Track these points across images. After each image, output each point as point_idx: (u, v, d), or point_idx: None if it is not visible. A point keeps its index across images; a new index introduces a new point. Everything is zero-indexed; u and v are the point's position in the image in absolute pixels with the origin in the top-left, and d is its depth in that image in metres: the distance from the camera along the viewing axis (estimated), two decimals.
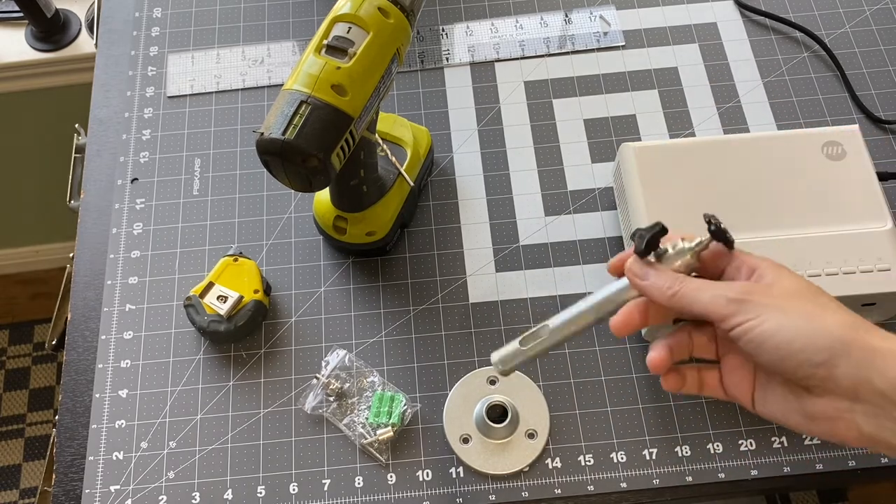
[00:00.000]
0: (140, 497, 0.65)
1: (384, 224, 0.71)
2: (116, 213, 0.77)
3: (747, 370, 0.47)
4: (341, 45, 0.57)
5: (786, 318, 0.42)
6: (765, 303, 0.43)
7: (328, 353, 0.69)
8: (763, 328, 0.42)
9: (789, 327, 0.42)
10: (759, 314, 0.43)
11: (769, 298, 0.43)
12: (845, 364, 0.41)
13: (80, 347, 0.71)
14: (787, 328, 0.42)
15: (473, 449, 0.65)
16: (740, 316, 0.43)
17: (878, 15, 0.85)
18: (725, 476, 0.64)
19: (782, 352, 0.42)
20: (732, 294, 0.44)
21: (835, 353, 0.41)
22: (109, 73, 0.85)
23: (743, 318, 0.43)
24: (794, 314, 0.42)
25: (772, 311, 0.42)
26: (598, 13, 0.87)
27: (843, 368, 0.41)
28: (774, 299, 0.43)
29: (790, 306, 0.43)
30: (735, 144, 0.69)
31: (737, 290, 0.44)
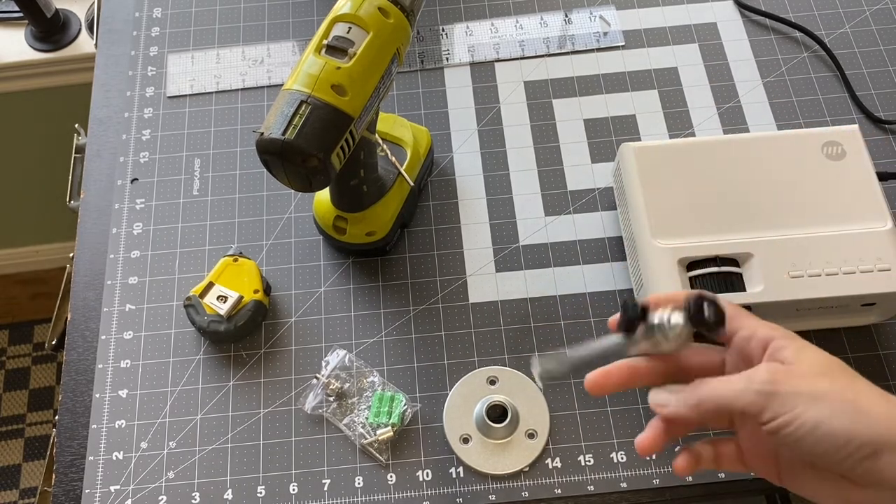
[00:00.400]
0: (140, 497, 0.65)
1: (384, 224, 0.71)
2: (116, 213, 0.77)
3: (770, 444, 0.44)
4: (341, 45, 0.57)
5: (824, 409, 0.39)
6: (797, 391, 0.40)
7: (328, 353, 0.69)
8: (801, 422, 0.39)
9: (830, 421, 0.39)
10: (794, 406, 0.39)
11: (799, 384, 0.40)
12: (890, 456, 0.38)
13: (80, 347, 0.71)
14: (828, 422, 0.39)
15: (473, 449, 0.65)
16: (772, 410, 0.40)
17: (878, 15, 0.85)
18: (726, 476, 0.64)
19: (824, 447, 0.39)
20: (758, 385, 0.41)
21: (880, 447, 0.38)
22: (109, 73, 0.85)
23: (776, 413, 0.40)
24: (831, 403, 0.39)
25: (807, 403, 0.39)
26: (598, 13, 0.87)
27: (888, 460, 0.38)
28: (806, 385, 0.40)
29: (824, 393, 0.40)
30: (735, 144, 0.69)
31: (762, 378, 0.41)
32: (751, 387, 0.41)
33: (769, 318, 0.64)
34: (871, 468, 0.38)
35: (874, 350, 0.68)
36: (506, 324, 0.70)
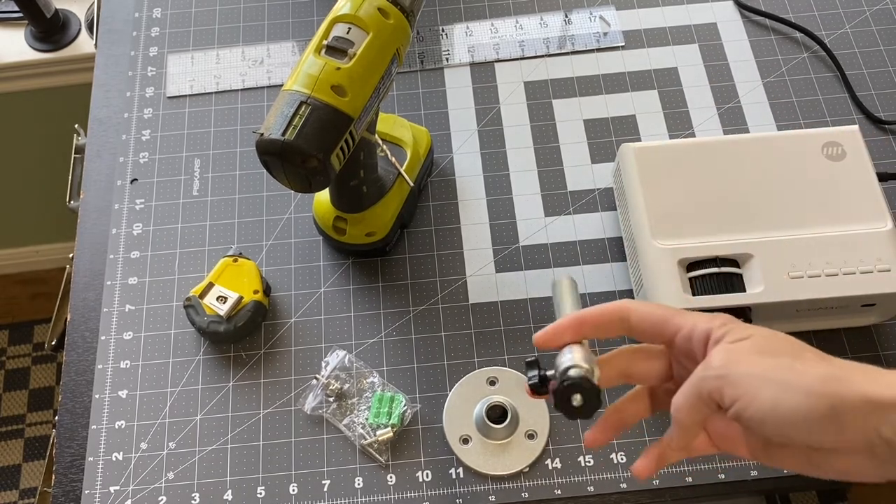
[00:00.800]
0: (140, 497, 0.65)
1: (384, 224, 0.71)
2: (116, 213, 0.77)
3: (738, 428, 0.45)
4: (341, 46, 0.57)
5: (776, 388, 0.40)
6: (749, 372, 0.41)
7: (328, 353, 0.69)
8: (759, 405, 0.40)
9: (786, 399, 0.39)
10: (748, 388, 0.40)
11: (749, 364, 0.41)
12: (852, 421, 0.39)
13: (79, 348, 0.71)
14: (785, 400, 0.39)
15: (473, 449, 0.65)
16: (729, 395, 0.41)
17: (878, 15, 0.85)
18: (725, 476, 0.64)
19: (787, 425, 0.40)
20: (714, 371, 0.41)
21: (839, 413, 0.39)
22: (109, 73, 0.85)
23: (733, 397, 0.41)
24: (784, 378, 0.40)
25: (760, 383, 0.40)
26: (597, 13, 0.87)
27: (851, 426, 0.39)
28: (755, 365, 0.41)
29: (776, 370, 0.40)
30: (735, 145, 0.69)
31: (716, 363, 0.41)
32: (708, 373, 0.42)
33: (769, 319, 0.64)
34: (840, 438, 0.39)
35: (874, 351, 0.68)
36: (506, 324, 0.70)
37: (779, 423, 0.40)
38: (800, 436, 0.40)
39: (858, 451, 0.39)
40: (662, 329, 0.45)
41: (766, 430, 0.40)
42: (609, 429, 0.47)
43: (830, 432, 0.39)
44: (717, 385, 0.41)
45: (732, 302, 0.63)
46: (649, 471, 0.46)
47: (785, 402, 0.39)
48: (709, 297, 0.63)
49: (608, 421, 0.47)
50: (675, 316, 0.45)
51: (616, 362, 0.47)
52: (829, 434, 0.39)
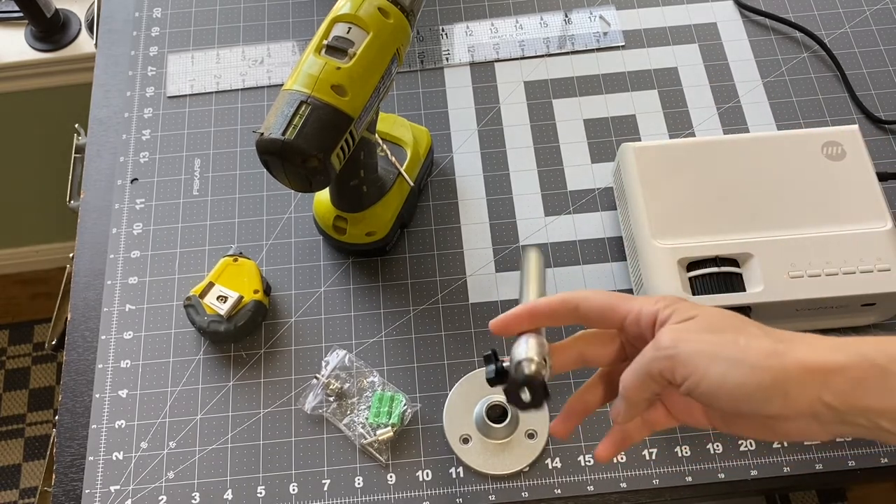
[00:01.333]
0: (140, 497, 0.65)
1: (384, 224, 0.71)
2: (116, 213, 0.77)
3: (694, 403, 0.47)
4: (341, 46, 0.57)
5: (723, 365, 0.42)
6: (696, 349, 0.42)
7: (328, 353, 0.69)
8: (708, 382, 0.42)
9: (733, 376, 0.41)
10: (696, 365, 0.42)
11: (696, 342, 0.43)
12: (795, 389, 0.41)
13: (80, 347, 0.71)
14: (731, 377, 0.41)
15: (473, 449, 0.65)
16: (679, 373, 0.42)
17: (878, 15, 0.85)
18: (725, 476, 0.64)
19: (736, 399, 0.42)
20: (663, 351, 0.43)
21: (784, 385, 0.41)
22: (109, 73, 0.85)
23: (683, 375, 0.42)
24: (728, 358, 0.42)
25: (708, 361, 0.42)
26: (597, 13, 0.87)
27: (795, 395, 0.41)
28: (702, 343, 0.43)
29: (720, 347, 0.42)
30: (735, 144, 0.69)
31: (665, 343, 0.43)
32: (658, 353, 0.43)
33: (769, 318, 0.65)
34: (785, 404, 0.41)
35: None
36: None
37: (728, 397, 0.42)
38: (749, 407, 0.42)
39: (805, 416, 0.42)
40: (611, 316, 0.47)
41: (718, 403, 0.42)
42: (572, 417, 0.49)
43: (776, 403, 0.41)
44: (667, 365, 0.43)
45: (732, 301, 0.63)
46: (610, 454, 0.48)
47: (732, 378, 0.41)
48: (709, 296, 0.63)
49: (571, 410, 0.50)
50: (621, 302, 0.47)
51: (572, 348, 0.49)
52: (776, 404, 0.41)
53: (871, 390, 0.40)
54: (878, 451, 0.65)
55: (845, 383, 0.40)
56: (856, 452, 0.65)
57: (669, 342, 0.43)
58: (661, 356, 0.43)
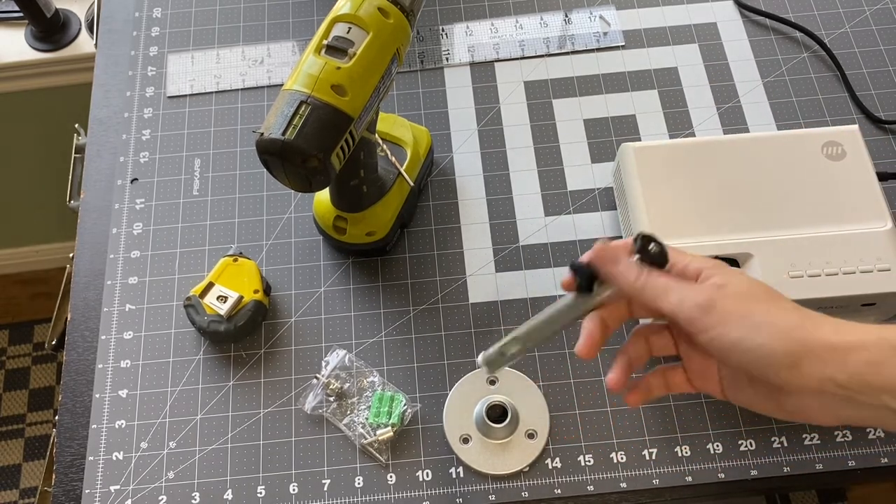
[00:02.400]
0: (140, 497, 0.65)
1: (384, 224, 0.71)
2: (116, 213, 0.77)
3: (712, 363, 0.49)
4: (341, 46, 0.57)
5: (747, 326, 0.44)
6: (729, 310, 0.45)
7: (328, 353, 0.69)
8: (730, 337, 0.44)
9: (751, 337, 0.44)
10: (724, 322, 0.44)
11: (729, 304, 0.45)
12: (808, 365, 0.43)
13: (80, 347, 0.71)
14: (749, 338, 0.44)
15: (473, 449, 0.65)
16: (706, 322, 0.45)
17: (878, 15, 0.85)
18: (725, 476, 0.64)
19: (750, 358, 0.44)
20: (701, 299, 0.45)
21: (798, 357, 0.43)
22: (109, 73, 0.85)
23: (709, 326, 0.45)
24: (756, 319, 0.44)
25: (736, 320, 0.44)
26: (597, 13, 0.87)
27: (807, 370, 0.43)
28: (734, 305, 0.45)
29: (750, 311, 0.44)
30: (735, 144, 0.69)
31: (705, 295, 0.45)
32: (695, 299, 0.46)
33: None
34: (794, 378, 0.43)
35: None
36: (506, 324, 0.70)
37: (744, 356, 0.44)
38: (760, 370, 0.44)
39: (812, 393, 0.44)
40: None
41: (733, 360, 0.45)
42: (623, 370, 0.51)
43: (788, 373, 0.43)
44: (697, 315, 0.45)
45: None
46: (620, 382, 0.50)
47: (752, 338, 0.44)
48: None
49: (620, 365, 0.51)
50: (674, 252, 0.49)
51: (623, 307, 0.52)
52: (786, 374, 0.43)
53: (887, 367, 0.42)
54: (878, 451, 0.65)
55: (862, 361, 0.42)
56: (856, 452, 0.65)
57: (707, 297, 0.45)
58: (695, 304, 0.45)
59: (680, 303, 0.46)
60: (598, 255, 0.49)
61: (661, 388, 0.51)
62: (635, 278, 0.47)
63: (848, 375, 0.42)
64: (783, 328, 0.44)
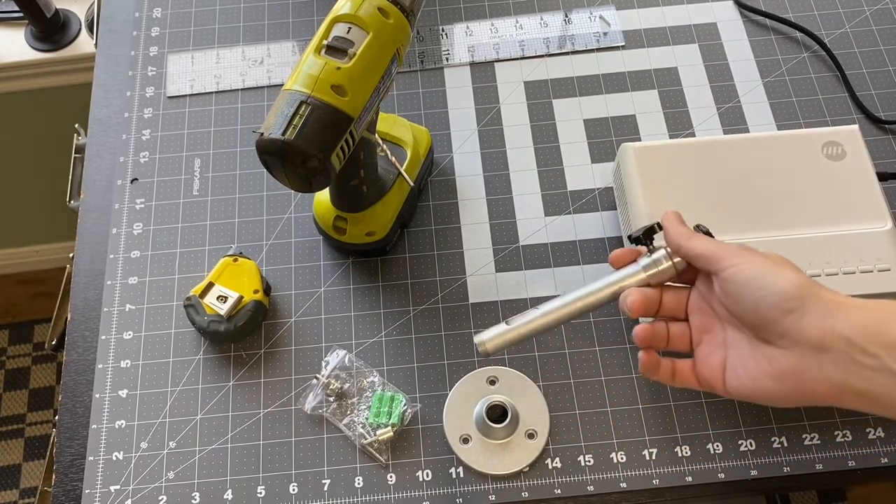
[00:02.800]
0: (140, 497, 0.65)
1: (384, 224, 0.71)
2: (116, 213, 0.77)
3: (719, 352, 0.52)
4: (341, 46, 0.57)
5: (763, 267, 0.48)
6: (746, 254, 0.50)
7: (328, 353, 0.69)
8: (745, 273, 0.48)
9: (766, 273, 0.48)
10: (742, 261, 0.49)
11: (749, 252, 0.50)
12: (813, 311, 0.46)
13: (80, 347, 0.71)
14: (765, 274, 0.48)
15: (473, 449, 0.65)
16: (728, 260, 0.50)
17: (878, 15, 0.85)
18: (725, 476, 0.64)
19: (762, 292, 0.47)
20: (721, 246, 0.51)
21: (804, 300, 0.46)
22: (109, 73, 0.85)
23: (730, 262, 0.50)
24: (769, 265, 0.49)
25: (752, 260, 0.49)
26: (597, 13, 0.87)
27: (810, 316, 0.46)
28: (754, 253, 0.50)
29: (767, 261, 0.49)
30: (735, 144, 0.69)
31: (724, 245, 0.51)
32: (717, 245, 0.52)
33: None
34: (797, 323, 0.46)
35: None
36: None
37: (751, 294, 0.48)
38: (766, 311, 0.47)
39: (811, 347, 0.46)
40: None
41: (740, 298, 0.49)
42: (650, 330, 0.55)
43: (791, 318, 0.46)
44: (721, 253, 0.50)
45: None
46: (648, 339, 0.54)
47: (765, 278, 0.48)
48: None
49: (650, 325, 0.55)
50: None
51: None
52: (790, 319, 0.46)
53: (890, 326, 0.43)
54: (878, 451, 0.65)
55: (865, 318, 0.44)
56: (856, 452, 0.65)
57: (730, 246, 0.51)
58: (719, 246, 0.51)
59: (707, 245, 0.51)
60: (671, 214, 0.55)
61: (667, 373, 0.54)
62: (690, 234, 0.53)
63: (850, 328, 0.44)
64: (792, 277, 0.47)
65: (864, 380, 0.44)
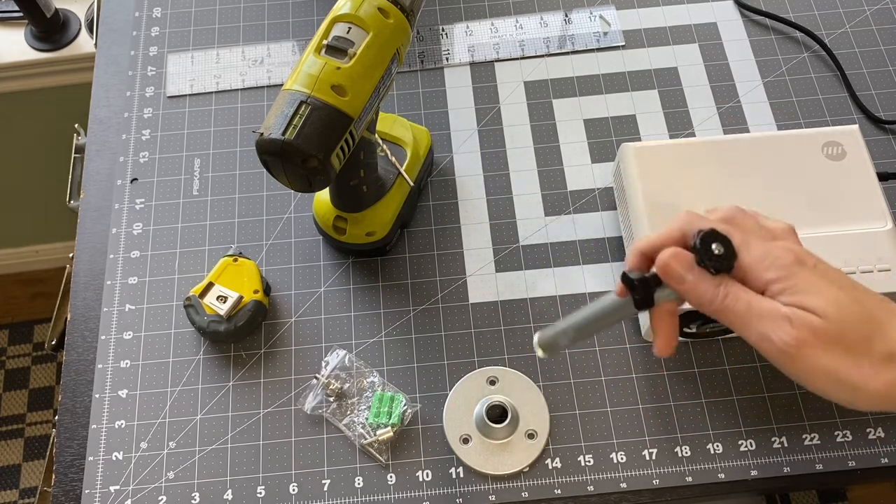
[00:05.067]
0: (140, 497, 0.65)
1: (384, 224, 0.71)
2: (116, 213, 0.77)
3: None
4: (341, 46, 0.57)
5: (835, 383, 0.41)
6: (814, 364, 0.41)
7: (328, 353, 0.69)
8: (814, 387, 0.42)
9: (839, 391, 0.42)
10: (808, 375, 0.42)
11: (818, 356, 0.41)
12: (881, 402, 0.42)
13: (79, 347, 0.71)
14: (837, 392, 0.42)
15: (473, 449, 0.65)
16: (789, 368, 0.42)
17: (878, 15, 0.85)
18: (725, 476, 0.64)
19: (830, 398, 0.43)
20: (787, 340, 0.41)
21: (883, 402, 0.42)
22: (109, 73, 0.85)
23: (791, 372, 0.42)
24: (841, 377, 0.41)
25: (822, 376, 0.41)
26: (597, 13, 0.87)
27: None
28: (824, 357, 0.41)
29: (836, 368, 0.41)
30: (735, 144, 0.69)
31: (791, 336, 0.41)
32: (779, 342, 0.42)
33: None
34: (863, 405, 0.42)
35: None
36: (506, 324, 0.70)
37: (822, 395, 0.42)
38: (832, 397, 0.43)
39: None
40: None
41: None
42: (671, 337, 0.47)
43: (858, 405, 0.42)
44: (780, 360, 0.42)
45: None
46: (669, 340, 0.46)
47: (833, 394, 0.42)
48: None
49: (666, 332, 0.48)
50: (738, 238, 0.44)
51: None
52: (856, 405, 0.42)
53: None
54: (878, 451, 0.65)
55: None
56: (856, 452, 0.65)
57: (794, 342, 0.41)
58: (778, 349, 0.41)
59: (761, 339, 0.42)
60: (664, 270, 0.44)
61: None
62: (711, 299, 0.42)
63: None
64: (872, 392, 0.41)
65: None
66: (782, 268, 0.42)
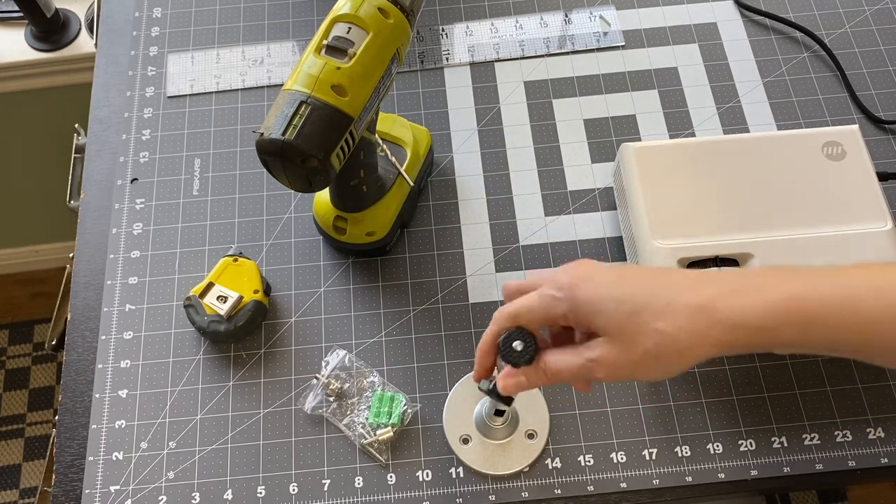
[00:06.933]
0: (140, 497, 0.65)
1: (384, 224, 0.71)
2: (116, 213, 0.77)
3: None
4: (341, 46, 0.57)
5: (594, 288, 0.49)
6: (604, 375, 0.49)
7: (328, 353, 0.69)
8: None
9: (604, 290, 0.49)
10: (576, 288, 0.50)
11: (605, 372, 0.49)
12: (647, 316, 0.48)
13: (80, 347, 0.71)
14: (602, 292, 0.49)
15: (473, 449, 0.65)
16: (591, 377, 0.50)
17: (878, 15, 0.85)
18: (725, 476, 0.64)
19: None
20: (580, 373, 0.50)
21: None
22: (109, 73, 0.85)
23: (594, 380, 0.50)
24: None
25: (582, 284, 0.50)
26: (597, 13, 0.87)
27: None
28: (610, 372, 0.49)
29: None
30: (735, 144, 0.69)
31: (583, 370, 0.50)
32: (576, 374, 0.50)
33: None
34: (639, 323, 0.47)
35: None
36: None
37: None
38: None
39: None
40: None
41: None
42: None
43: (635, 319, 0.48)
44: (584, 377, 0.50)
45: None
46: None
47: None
48: None
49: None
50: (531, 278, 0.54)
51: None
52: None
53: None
54: (878, 451, 0.65)
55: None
56: (856, 452, 0.65)
57: (604, 377, 0.50)
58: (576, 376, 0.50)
59: (573, 377, 0.50)
60: (503, 389, 0.53)
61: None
62: (545, 382, 0.51)
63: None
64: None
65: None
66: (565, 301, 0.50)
